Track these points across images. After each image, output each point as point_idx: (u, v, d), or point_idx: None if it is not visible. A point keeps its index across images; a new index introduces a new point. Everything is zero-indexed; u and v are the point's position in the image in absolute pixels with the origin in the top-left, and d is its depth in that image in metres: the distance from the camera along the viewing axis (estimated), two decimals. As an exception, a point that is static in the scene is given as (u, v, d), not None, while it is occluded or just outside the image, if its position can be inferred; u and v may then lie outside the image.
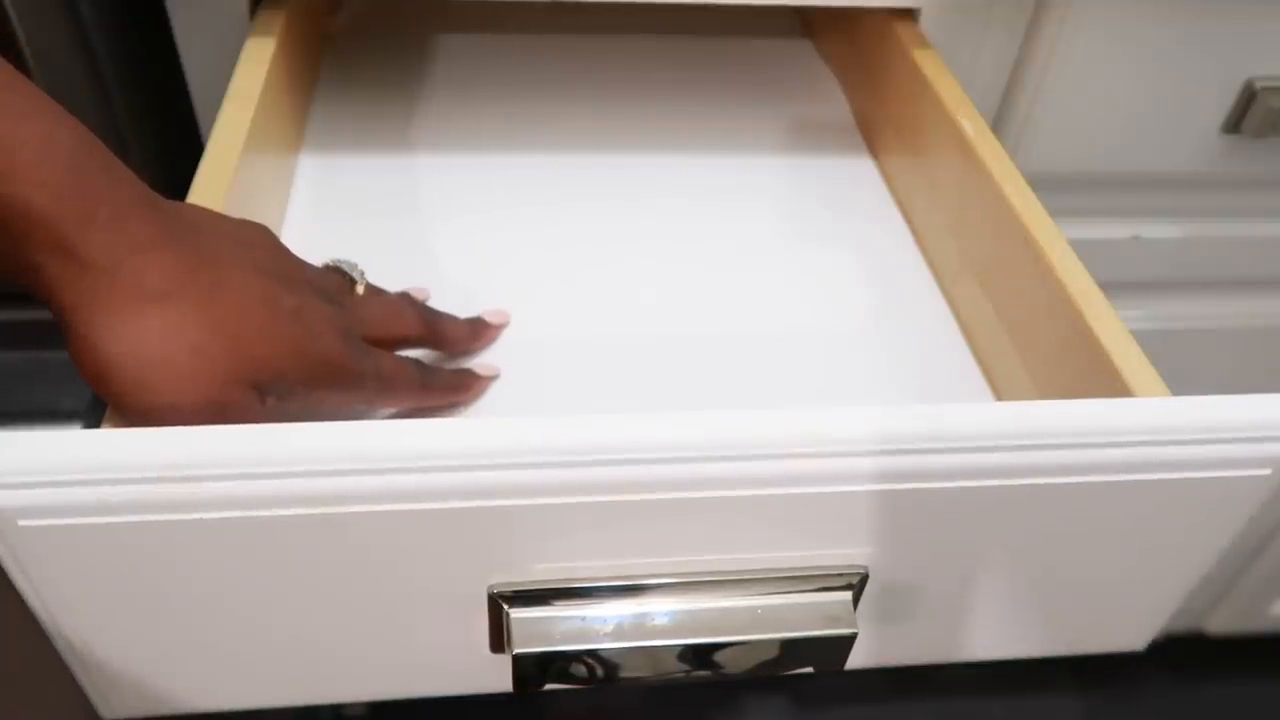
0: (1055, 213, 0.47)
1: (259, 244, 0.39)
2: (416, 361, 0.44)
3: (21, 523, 0.30)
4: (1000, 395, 0.49)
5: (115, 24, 0.53)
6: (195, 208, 0.38)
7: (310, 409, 0.38)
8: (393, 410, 0.44)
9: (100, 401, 0.35)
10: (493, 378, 0.47)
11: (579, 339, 0.50)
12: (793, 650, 0.36)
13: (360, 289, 0.44)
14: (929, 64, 0.57)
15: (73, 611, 0.33)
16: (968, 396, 0.49)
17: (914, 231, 0.59)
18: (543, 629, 0.34)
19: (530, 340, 0.50)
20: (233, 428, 0.31)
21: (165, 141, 0.59)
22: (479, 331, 0.49)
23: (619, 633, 0.35)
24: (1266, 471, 0.36)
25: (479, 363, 0.48)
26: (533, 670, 0.35)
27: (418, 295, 0.49)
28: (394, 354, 0.43)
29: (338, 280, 0.43)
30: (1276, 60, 0.63)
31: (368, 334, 0.41)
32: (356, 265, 0.44)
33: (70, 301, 0.33)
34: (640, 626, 0.35)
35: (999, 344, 0.49)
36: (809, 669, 0.37)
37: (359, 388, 0.40)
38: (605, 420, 0.32)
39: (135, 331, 0.33)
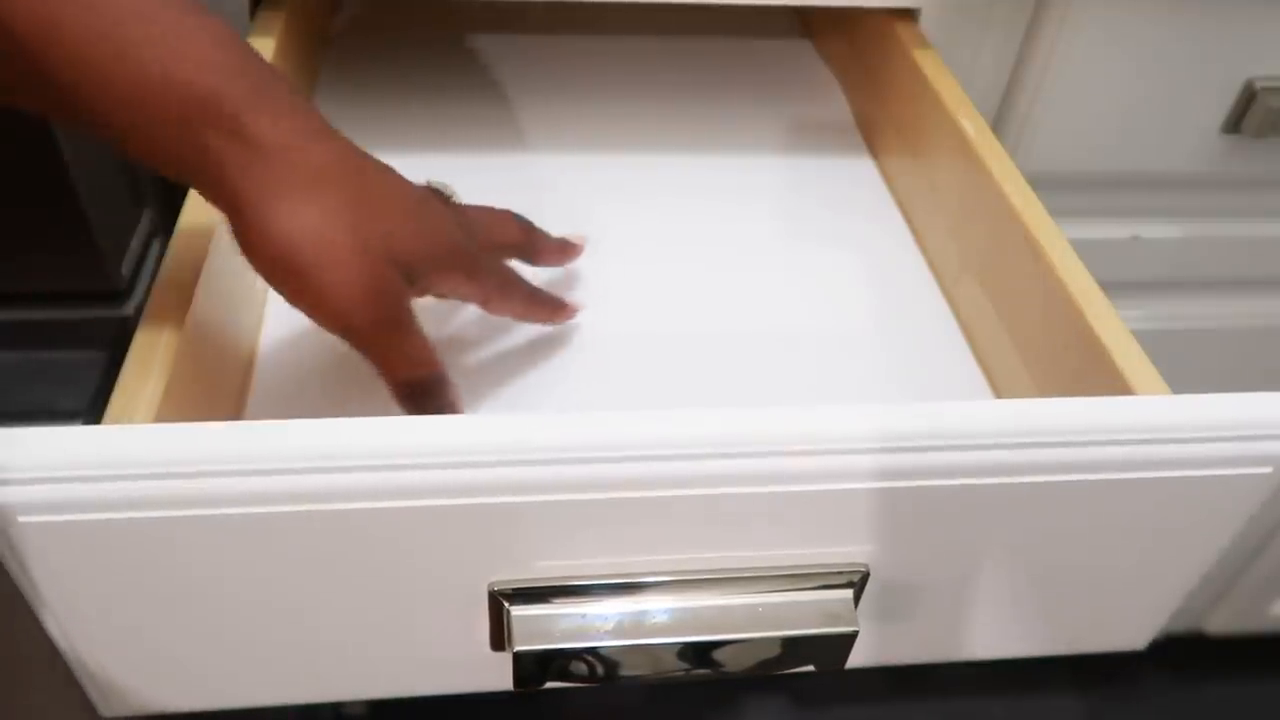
0: (1055, 213, 0.47)
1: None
2: (522, 275, 0.46)
3: (22, 519, 0.30)
4: (1000, 394, 0.49)
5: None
6: None
7: (440, 296, 0.41)
8: (504, 315, 0.46)
9: (101, 400, 0.35)
10: (579, 308, 0.50)
11: (578, 337, 0.50)
12: (793, 649, 0.36)
13: (454, 198, 0.45)
14: (929, 64, 0.57)
15: (72, 608, 0.33)
16: (968, 396, 0.49)
17: (914, 231, 0.59)
18: (543, 627, 0.34)
19: (530, 339, 0.50)
20: (233, 426, 0.31)
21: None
22: (567, 248, 0.51)
23: (619, 631, 0.35)
24: (1267, 470, 0.36)
25: (572, 296, 0.51)
26: (533, 668, 0.35)
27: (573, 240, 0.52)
28: (503, 261, 0.45)
29: (434, 190, 0.45)
30: (1276, 60, 0.63)
31: (479, 236, 0.43)
32: (449, 185, 0.46)
33: (240, 182, 0.34)
34: (641, 624, 0.35)
35: (999, 343, 0.49)
36: (810, 667, 0.37)
37: (481, 281, 0.42)
38: (606, 418, 0.32)
39: (304, 211, 0.35)
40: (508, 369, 0.48)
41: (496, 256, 0.45)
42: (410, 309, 0.39)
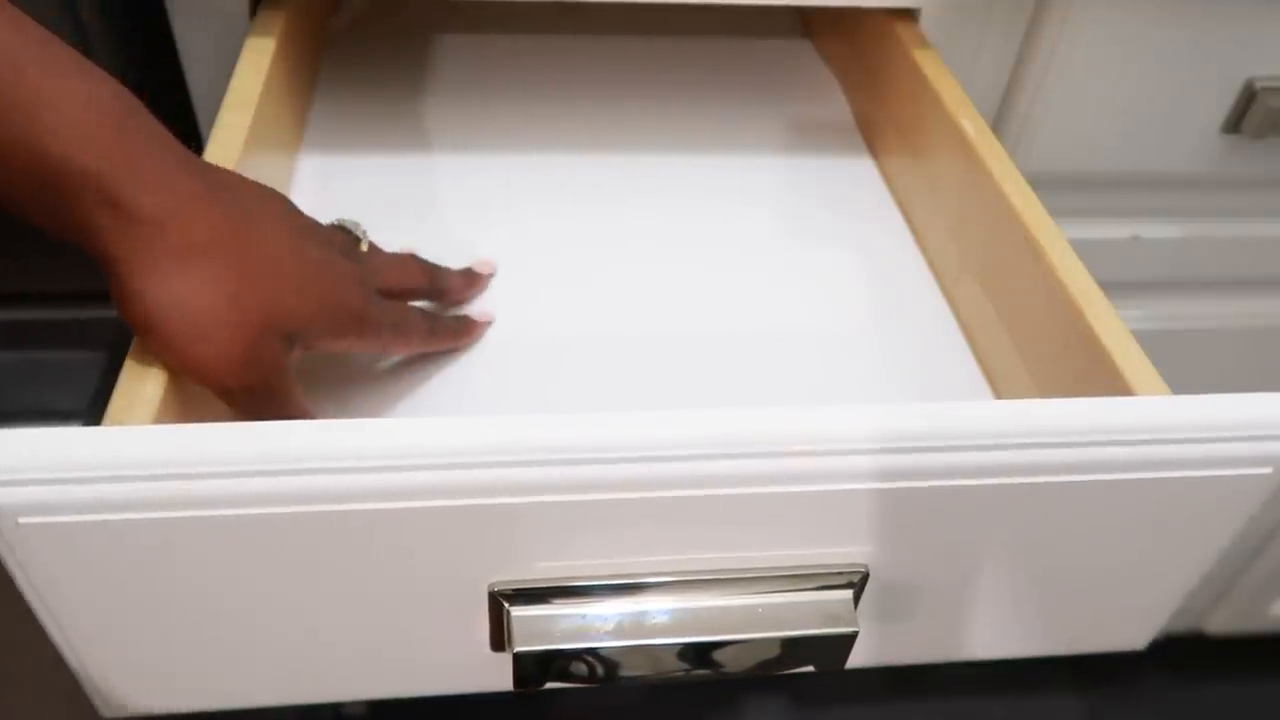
0: (1055, 213, 0.47)
1: (279, 202, 0.41)
2: (422, 310, 0.47)
3: (21, 520, 0.30)
4: (1000, 395, 0.49)
5: (115, 25, 0.53)
6: (223, 169, 0.40)
7: (335, 351, 0.41)
8: (402, 356, 0.47)
9: (100, 401, 0.35)
10: (488, 323, 0.50)
11: (579, 338, 0.50)
12: (793, 649, 0.36)
13: (364, 246, 0.46)
14: (929, 64, 0.57)
15: (72, 609, 0.33)
16: (968, 396, 0.49)
17: (914, 231, 0.59)
18: (543, 627, 0.34)
19: (530, 339, 0.50)
20: (233, 426, 0.31)
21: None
22: (472, 280, 0.52)
23: (619, 631, 0.35)
24: (1267, 470, 0.36)
25: (476, 310, 0.51)
26: (533, 669, 0.35)
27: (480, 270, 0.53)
28: (403, 304, 0.45)
29: (345, 237, 0.45)
30: (1276, 60, 0.63)
31: (379, 286, 0.44)
32: (359, 224, 0.46)
33: (120, 254, 0.34)
34: (640, 625, 0.35)
35: (999, 344, 0.49)
36: (809, 668, 0.37)
37: (376, 335, 0.42)
38: (605, 418, 0.32)
39: (181, 283, 0.35)
40: (508, 369, 0.48)
41: (399, 309, 0.44)
42: (287, 376, 0.39)
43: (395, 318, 0.43)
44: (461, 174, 0.60)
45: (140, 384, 0.36)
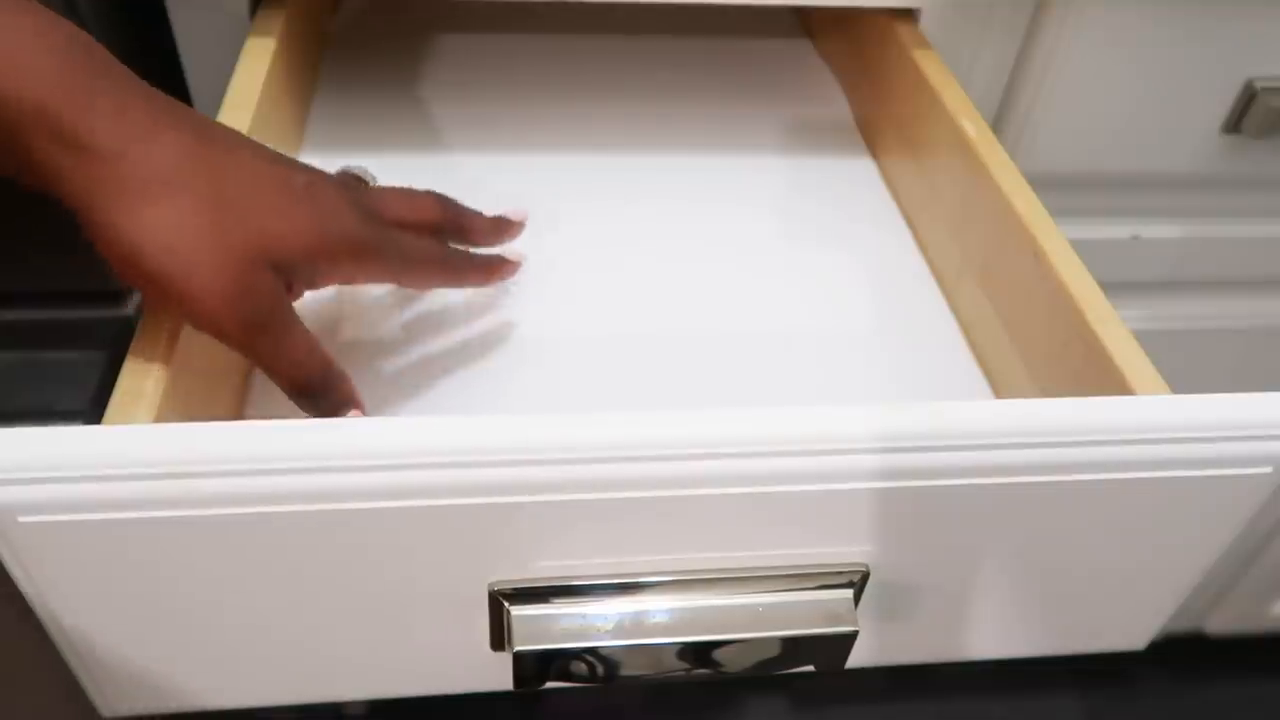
0: (1055, 213, 0.47)
1: (260, 144, 0.39)
2: (441, 243, 0.44)
3: (21, 518, 0.30)
4: (1001, 395, 0.49)
5: (115, 24, 0.53)
6: (193, 110, 0.37)
7: (342, 284, 0.39)
8: (422, 291, 0.45)
9: (100, 401, 0.35)
10: (519, 263, 0.47)
11: (579, 338, 0.50)
12: (794, 649, 0.36)
13: (368, 181, 0.44)
14: (929, 64, 0.57)
15: (72, 608, 0.33)
16: (968, 396, 0.49)
17: (914, 231, 0.59)
18: (543, 627, 0.34)
19: (530, 339, 0.50)
20: (233, 426, 0.31)
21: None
22: (501, 226, 0.48)
23: (619, 631, 0.35)
24: (1267, 470, 0.36)
25: (506, 249, 0.48)
26: (533, 668, 0.35)
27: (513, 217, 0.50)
28: (418, 236, 0.42)
29: (348, 177, 0.43)
30: (1276, 60, 0.63)
31: (386, 215, 0.41)
32: (367, 169, 0.44)
33: (82, 192, 0.33)
34: (641, 624, 0.35)
35: (999, 344, 0.49)
36: (810, 667, 0.37)
37: (382, 263, 0.40)
38: (606, 418, 0.32)
39: (152, 219, 0.33)
40: (509, 369, 0.48)
41: (405, 236, 0.41)
42: (286, 308, 0.36)
43: (401, 244, 0.41)
44: (461, 174, 0.60)
45: (140, 384, 0.36)
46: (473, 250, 0.47)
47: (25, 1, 0.33)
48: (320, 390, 0.39)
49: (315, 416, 0.39)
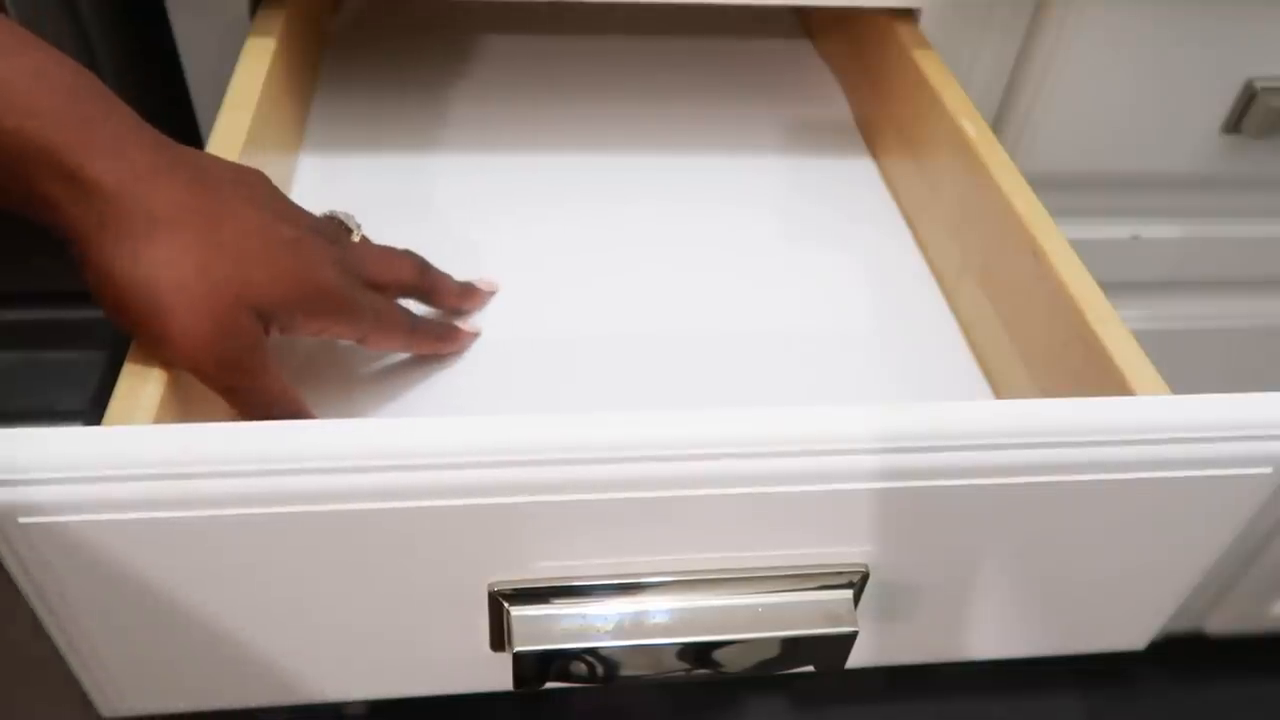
0: (1055, 213, 0.47)
1: (257, 184, 0.40)
2: (406, 309, 0.45)
3: (22, 519, 0.30)
4: (1001, 395, 0.49)
5: (115, 24, 0.53)
6: (191, 148, 0.38)
7: (312, 336, 0.40)
8: (396, 354, 0.46)
9: (100, 401, 0.35)
10: (475, 334, 0.49)
11: (578, 338, 0.50)
12: (793, 649, 0.36)
13: (356, 237, 0.45)
14: (929, 64, 0.57)
15: (73, 609, 0.33)
16: (968, 396, 0.49)
17: (914, 232, 0.59)
18: (543, 627, 0.34)
19: (529, 339, 0.50)
20: (233, 426, 0.31)
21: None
22: (469, 293, 0.50)
23: (619, 631, 0.35)
24: (1267, 470, 0.36)
25: (466, 322, 0.50)
26: (533, 669, 0.35)
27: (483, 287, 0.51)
28: (388, 299, 0.44)
29: (335, 226, 0.44)
30: (1276, 60, 0.63)
31: (365, 274, 0.42)
32: (353, 216, 0.45)
33: (80, 228, 0.34)
34: (641, 625, 0.35)
35: (999, 344, 0.49)
36: (810, 667, 0.37)
37: (355, 320, 0.41)
38: (606, 418, 0.32)
39: (145, 257, 0.34)
40: (507, 369, 0.48)
41: (380, 295, 0.43)
42: (262, 352, 0.37)
43: (375, 306, 0.42)
44: (461, 174, 0.60)
45: (140, 384, 0.36)
46: (442, 310, 0.49)
47: (33, 40, 0.33)
48: None
49: None
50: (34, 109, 0.32)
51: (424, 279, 0.47)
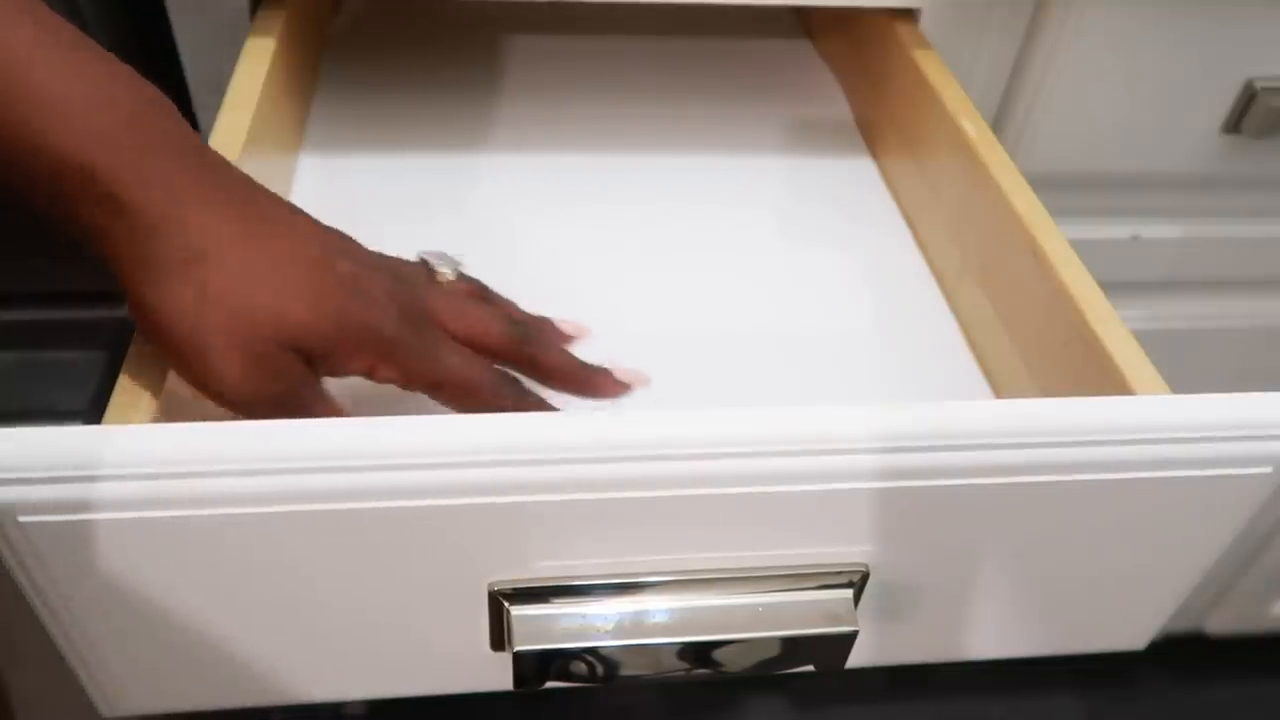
0: (1055, 213, 0.47)
1: (316, 220, 0.38)
2: (504, 373, 0.40)
3: (22, 519, 0.30)
4: (1001, 395, 0.49)
5: (115, 24, 0.53)
6: (258, 186, 0.37)
7: (355, 374, 0.37)
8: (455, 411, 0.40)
9: (100, 401, 0.35)
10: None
11: (578, 338, 0.50)
12: (793, 648, 0.36)
13: (441, 278, 0.41)
14: (929, 64, 0.57)
15: (73, 608, 0.33)
16: (968, 396, 0.49)
17: (914, 232, 0.59)
18: (543, 627, 0.34)
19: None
20: (233, 426, 0.31)
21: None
22: (590, 380, 0.43)
23: (620, 631, 0.35)
24: (1267, 470, 0.36)
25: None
26: (533, 668, 0.35)
27: (568, 331, 0.44)
28: (471, 353, 0.40)
29: (419, 269, 0.41)
30: (1276, 60, 0.63)
31: (439, 323, 0.39)
32: (451, 258, 0.41)
33: (120, 256, 0.33)
34: (641, 624, 0.35)
35: (999, 344, 0.49)
36: (810, 667, 0.37)
37: (408, 370, 0.38)
38: (605, 418, 0.32)
39: (180, 294, 0.33)
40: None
41: (452, 349, 0.39)
42: (305, 388, 0.36)
43: (441, 358, 0.38)
44: (461, 174, 0.60)
45: (140, 384, 0.36)
46: (548, 385, 0.43)
47: (104, 64, 0.33)
48: None
49: None
50: (84, 131, 0.31)
51: (515, 344, 0.41)
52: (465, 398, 0.39)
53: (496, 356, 0.41)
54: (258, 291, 0.34)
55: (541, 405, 0.41)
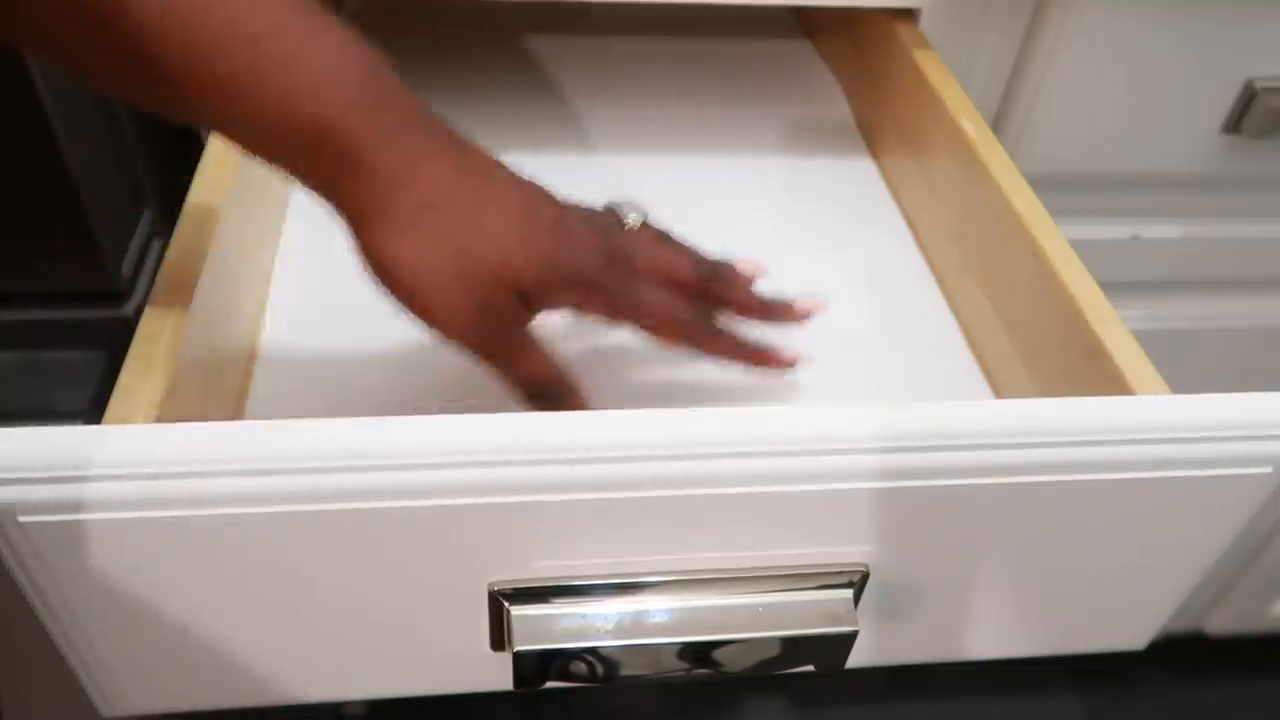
0: (1055, 213, 0.47)
1: (519, 171, 0.41)
2: (698, 307, 0.44)
3: (22, 519, 0.30)
4: (1001, 395, 0.49)
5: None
6: (458, 134, 0.39)
7: (567, 311, 0.41)
8: (671, 348, 0.44)
9: (100, 401, 0.35)
10: (793, 360, 0.46)
11: (579, 338, 0.50)
12: (794, 648, 0.36)
13: (629, 224, 0.44)
14: (929, 65, 0.57)
15: (72, 608, 0.33)
16: (968, 396, 0.49)
17: (914, 232, 0.59)
18: (543, 627, 0.34)
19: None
20: (233, 426, 0.31)
21: (165, 141, 0.59)
22: (773, 309, 0.46)
23: (619, 631, 0.35)
24: (1267, 470, 0.36)
25: (786, 345, 0.46)
26: (533, 668, 0.35)
27: (748, 271, 0.47)
28: (668, 290, 0.43)
29: (609, 216, 0.44)
30: (1276, 60, 0.63)
31: (634, 264, 0.42)
32: (635, 204, 0.44)
33: (359, 209, 0.36)
34: (641, 624, 0.35)
35: (999, 344, 0.49)
36: (810, 667, 0.37)
37: (609, 305, 0.41)
38: (605, 417, 0.32)
39: (414, 238, 0.36)
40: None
41: (649, 286, 0.42)
42: (522, 326, 0.40)
43: (638, 294, 0.41)
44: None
45: (140, 384, 0.36)
46: (734, 316, 0.45)
47: (337, 28, 0.35)
48: (551, 397, 0.41)
49: None
50: (330, 96, 0.34)
51: (703, 281, 0.44)
52: (664, 330, 0.43)
53: (686, 293, 0.44)
54: (482, 239, 0.37)
55: (731, 339, 0.45)
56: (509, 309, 0.38)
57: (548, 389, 0.41)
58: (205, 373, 0.41)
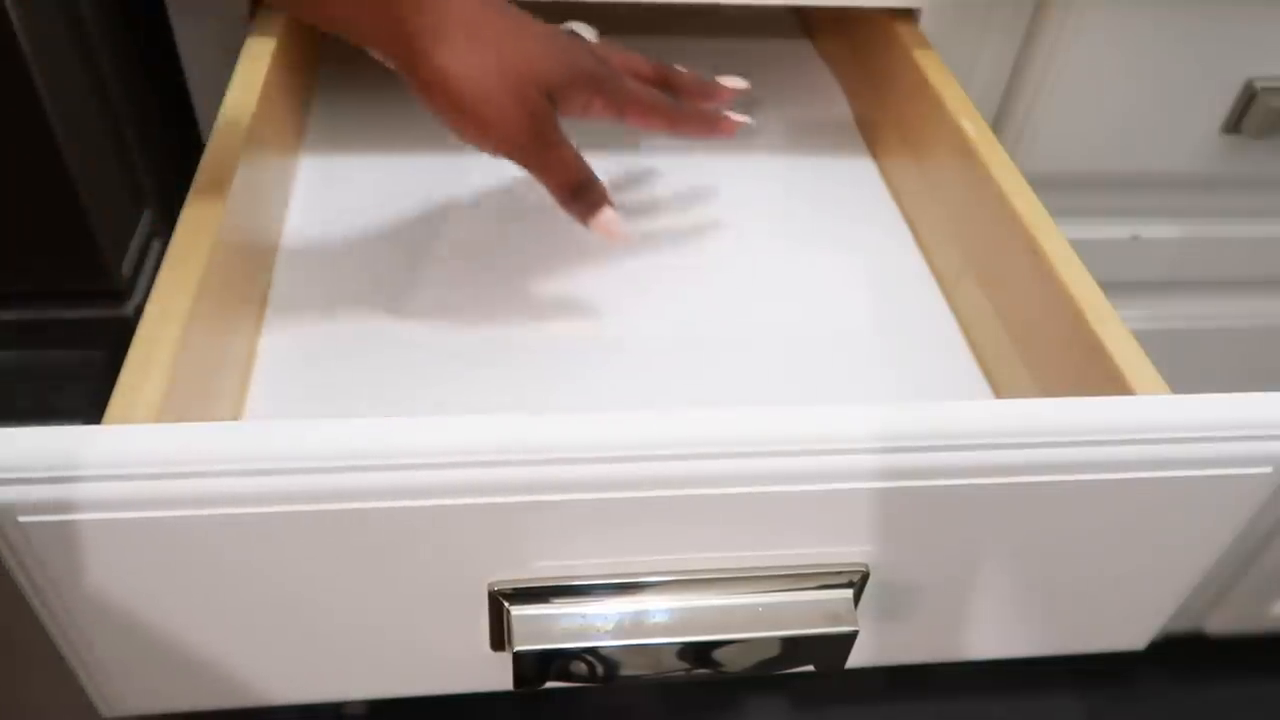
0: (1055, 213, 0.47)
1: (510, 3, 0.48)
2: (660, 92, 0.51)
3: (22, 519, 0.30)
4: (1001, 395, 0.49)
5: (115, 25, 0.53)
6: None
7: (579, 115, 0.48)
8: (653, 130, 0.51)
9: (100, 401, 0.35)
10: (744, 122, 0.54)
11: (578, 338, 0.50)
12: (794, 648, 0.36)
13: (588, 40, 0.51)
14: (929, 65, 0.57)
15: (72, 608, 0.33)
16: (968, 396, 0.49)
17: (915, 232, 0.59)
18: (543, 627, 0.34)
19: (529, 339, 0.50)
20: (233, 426, 0.31)
21: (165, 141, 0.59)
22: (710, 89, 0.55)
23: (619, 631, 0.35)
24: (1267, 470, 0.36)
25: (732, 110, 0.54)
26: (533, 668, 0.35)
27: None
28: (638, 82, 0.51)
29: (571, 32, 0.51)
30: (1276, 60, 0.63)
31: (614, 65, 0.49)
32: (586, 25, 0.52)
33: (403, 35, 0.42)
34: (641, 624, 0.35)
35: (999, 344, 0.49)
36: (810, 667, 0.37)
37: (612, 97, 0.48)
38: (606, 418, 0.32)
39: (465, 55, 0.43)
40: (508, 369, 0.48)
41: (630, 79, 0.50)
42: (556, 124, 0.46)
43: (629, 86, 0.49)
44: (461, 174, 0.60)
45: (140, 384, 0.36)
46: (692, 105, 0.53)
47: None
48: (585, 189, 0.48)
49: (579, 215, 0.48)
50: None
51: (658, 71, 0.53)
52: (651, 114, 0.50)
53: (648, 82, 0.52)
54: (515, 50, 0.44)
55: (699, 115, 0.53)
56: (545, 109, 0.45)
57: (581, 183, 0.47)
58: (205, 373, 0.41)
